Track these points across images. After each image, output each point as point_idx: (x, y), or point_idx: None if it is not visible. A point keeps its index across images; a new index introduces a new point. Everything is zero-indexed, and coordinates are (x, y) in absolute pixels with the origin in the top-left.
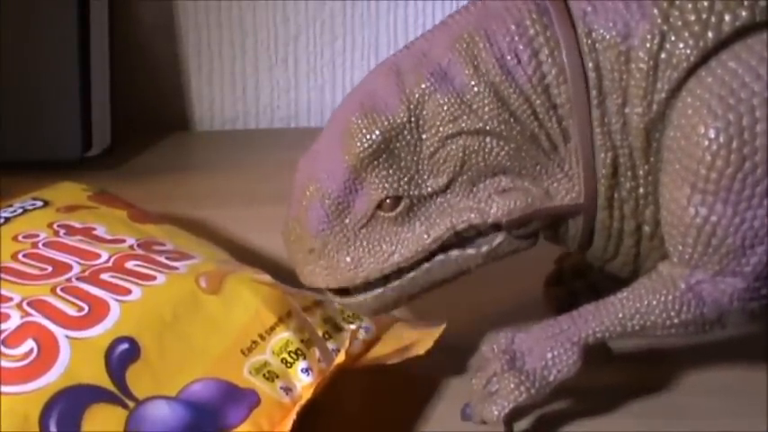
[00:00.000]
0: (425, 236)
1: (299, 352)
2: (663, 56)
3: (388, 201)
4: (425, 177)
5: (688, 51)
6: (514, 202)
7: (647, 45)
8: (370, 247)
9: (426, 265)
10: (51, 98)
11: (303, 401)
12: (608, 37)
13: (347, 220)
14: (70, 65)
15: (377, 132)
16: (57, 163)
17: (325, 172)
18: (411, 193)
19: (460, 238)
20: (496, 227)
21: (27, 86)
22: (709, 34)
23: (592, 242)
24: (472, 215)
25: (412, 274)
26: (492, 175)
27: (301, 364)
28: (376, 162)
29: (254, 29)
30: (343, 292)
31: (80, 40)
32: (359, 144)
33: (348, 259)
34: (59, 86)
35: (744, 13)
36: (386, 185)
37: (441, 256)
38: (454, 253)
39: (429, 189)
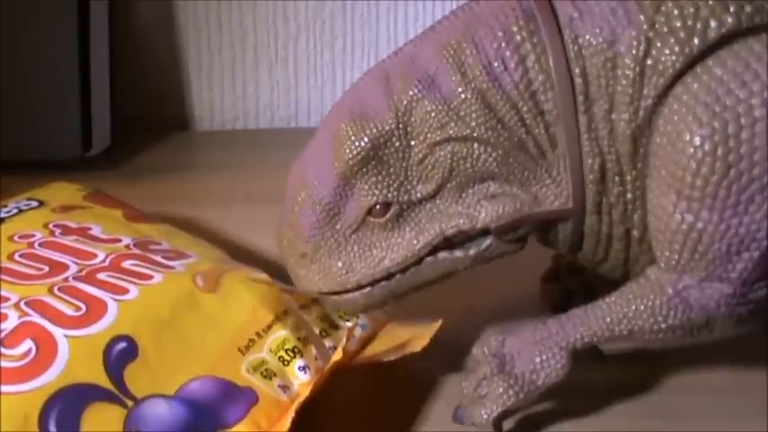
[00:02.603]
0: (415, 241)
1: (296, 350)
2: (649, 62)
3: (377, 207)
4: (414, 183)
5: (674, 58)
6: (503, 208)
7: (634, 52)
8: (361, 253)
9: (415, 267)
10: (51, 98)
11: (301, 399)
12: (594, 43)
13: (338, 226)
14: (70, 65)
15: (365, 139)
16: (56, 163)
17: (315, 178)
18: (400, 199)
19: (450, 243)
20: (485, 232)
21: (27, 86)
22: (695, 41)
23: (582, 246)
24: (461, 221)
25: (400, 275)
26: (480, 180)
27: (298, 362)
28: (365, 168)
29: (254, 29)
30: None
31: (80, 40)
32: (348, 151)
33: (340, 264)
34: (59, 86)
35: (729, 20)
36: (375, 192)
37: (429, 259)
38: (442, 255)
39: (418, 195)
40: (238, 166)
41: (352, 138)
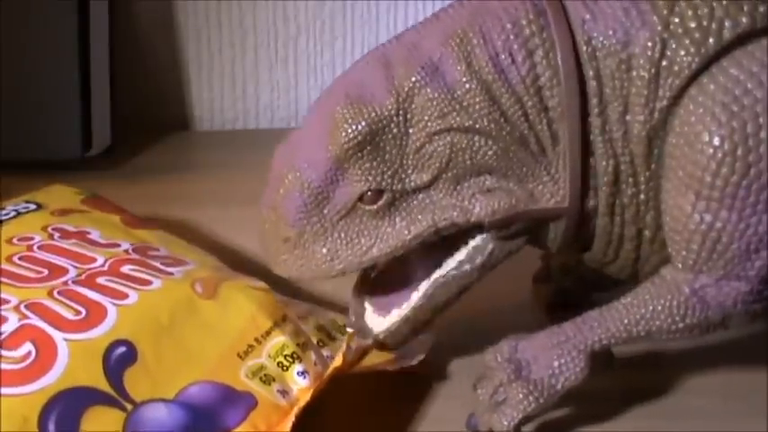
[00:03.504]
0: (406, 231)
1: (294, 355)
2: (664, 63)
3: (369, 193)
4: (409, 172)
5: (689, 59)
6: (498, 203)
7: (648, 53)
8: (348, 240)
9: (428, 291)
10: (51, 98)
11: (301, 404)
12: (608, 45)
13: (326, 211)
14: (70, 65)
15: (363, 123)
16: (57, 163)
17: (305, 161)
18: (394, 187)
19: (447, 244)
20: (479, 227)
21: (27, 86)
22: (710, 41)
23: (591, 246)
24: (455, 213)
25: (417, 304)
26: (477, 174)
27: (297, 367)
28: (360, 153)
29: (254, 29)
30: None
31: (80, 39)
32: (344, 134)
33: (324, 250)
34: (59, 86)
35: (744, 20)
36: (368, 178)
37: (440, 279)
38: (452, 273)
39: (412, 184)
40: (238, 167)
41: (349, 121)
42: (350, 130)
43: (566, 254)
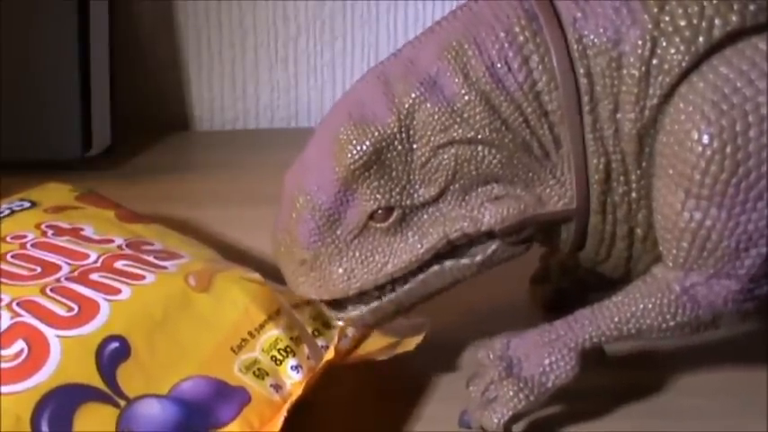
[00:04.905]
0: (419, 246)
1: (288, 349)
2: (654, 62)
3: (380, 211)
4: (417, 187)
5: (680, 57)
6: (507, 210)
7: (639, 51)
8: (363, 258)
9: (421, 276)
10: (51, 98)
11: (293, 399)
12: (599, 43)
13: (339, 232)
14: (70, 65)
15: (367, 143)
16: (57, 163)
17: (315, 184)
18: (403, 203)
19: (454, 247)
20: (490, 235)
21: (27, 86)
22: (701, 39)
23: (584, 245)
24: (465, 224)
25: (408, 286)
26: (484, 183)
27: (291, 361)
28: (367, 173)
29: (254, 29)
30: (337, 304)
31: (80, 40)
32: (349, 155)
33: (341, 271)
34: (59, 86)
35: (734, 18)
36: (377, 196)
37: (435, 267)
38: (449, 263)
39: (421, 199)
40: (238, 167)
41: (354, 142)
42: (355, 151)
43: (569, 254)
